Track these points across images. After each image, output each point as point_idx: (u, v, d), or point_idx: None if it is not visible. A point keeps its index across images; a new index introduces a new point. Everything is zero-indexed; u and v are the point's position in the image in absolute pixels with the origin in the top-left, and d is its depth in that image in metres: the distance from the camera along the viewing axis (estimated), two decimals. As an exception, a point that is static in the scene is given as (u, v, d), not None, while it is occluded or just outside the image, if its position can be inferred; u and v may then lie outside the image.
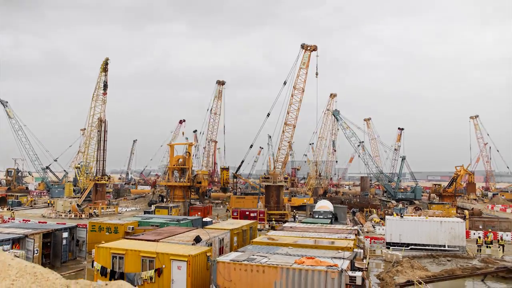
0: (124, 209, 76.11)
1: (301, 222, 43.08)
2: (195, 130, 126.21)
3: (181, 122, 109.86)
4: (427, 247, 38.98)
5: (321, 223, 39.67)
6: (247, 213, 55.79)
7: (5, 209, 73.69)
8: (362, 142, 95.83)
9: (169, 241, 26.06)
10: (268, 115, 68.63)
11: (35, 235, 29.55)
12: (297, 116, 65.17)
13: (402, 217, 43.76)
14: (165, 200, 79.53)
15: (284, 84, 66.23)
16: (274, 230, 38.33)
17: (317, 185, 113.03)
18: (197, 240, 25.27)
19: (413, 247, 39.25)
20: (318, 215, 48.45)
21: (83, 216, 64.58)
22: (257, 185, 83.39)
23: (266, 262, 20.20)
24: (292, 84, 65.34)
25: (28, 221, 51.90)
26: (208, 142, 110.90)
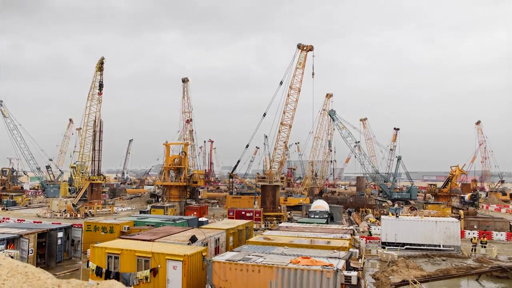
0: (119, 209, 75.91)
1: (297, 222, 43.14)
2: (191, 130, 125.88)
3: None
4: (422, 247, 39.16)
5: (317, 223, 39.71)
6: (243, 213, 55.78)
7: (-1, 209, 73.40)
8: (358, 142, 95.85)
9: (164, 241, 26.04)
10: (264, 115, 68.59)
11: (30, 235, 29.44)
12: (293, 116, 65.21)
13: (398, 217, 43.90)
14: (160, 199, 79.36)
15: (281, 84, 66.24)
16: (270, 230, 38.36)
17: (313, 185, 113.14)
18: (193, 240, 25.25)
19: (408, 246, 39.40)
20: (314, 215, 48.50)
21: (79, 215, 64.40)
22: (253, 185, 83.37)
23: (261, 262, 20.23)
24: (288, 84, 65.45)
25: (23, 221, 51.66)
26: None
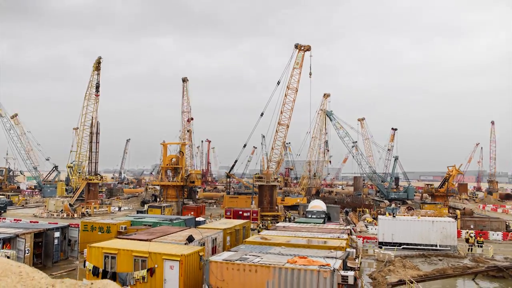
0: (116, 209, 75.73)
1: (294, 222, 43.19)
2: (189, 130, 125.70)
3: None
4: (419, 247, 39.26)
5: (314, 223, 39.75)
6: (240, 212, 55.76)
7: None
8: (356, 142, 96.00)
9: (161, 240, 26.01)
10: (261, 114, 68.53)
11: (26, 235, 29.32)
12: (291, 116, 65.22)
13: (395, 216, 43.99)
14: (158, 199, 79.25)
15: (278, 84, 66.25)
16: (267, 229, 38.37)
17: (310, 184, 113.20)
18: (190, 239, 25.23)
19: (405, 246, 39.50)
20: (311, 214, 48.58)
21: (76, 215, 64.26)
22: (250, 184, 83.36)
23: (258, 261, 20.23)
24: (286, 84, 65.48)
25: (20, 220, 51.46)
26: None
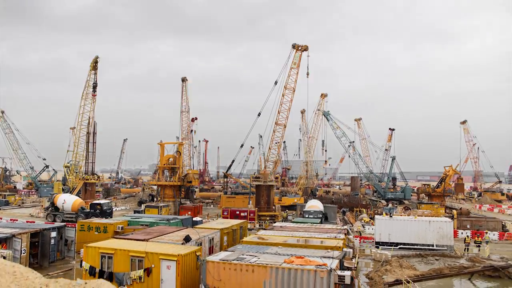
0: (113, 208, 75.39)
1: (291, 222, 43.22)
2: (191, 130, 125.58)
3: (193, 120, 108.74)
4: (415, 247, 39.37)
5: (311, 223, 39.79)
6: (238, 212, 55.77)
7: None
8: (353, 142, 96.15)
9: (158, 240, 25.98)
10: (259, 114, 68.66)
11: (23, 235, 29.21)
12: (288, 116, 65.35)
13: (391, 216, 44.09)
14: (155, 199, 79.14)
15: (275, 84, 66.31)
16: (264, 229, 38.39)
17: (308, 184, 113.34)
18: (187, 239, 25.20)
19: (402, 246, 39.60)
20: (308, 214, 48.62)
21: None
22: (247, 184, 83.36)
23: (255, 261, 20.24)
24: (283, 84, 65.52)
25: (16, 220, 51.32)
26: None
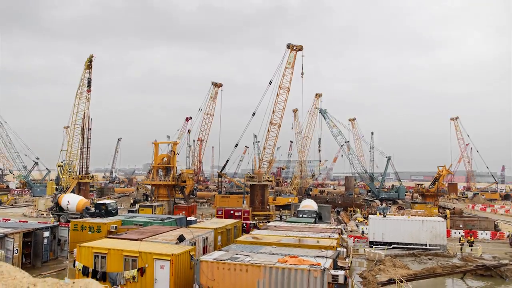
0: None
1: (285, 221, 43.28)
2: (189, 130, 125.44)
3: (187, 120, 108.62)
4: (409, 246, 39.57)
5: (305, 222, 39.89)
6: (232, 212, 55.70)
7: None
8: (348, 141, 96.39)
9: (152, 240, 25.93)
10: (253, 114, 68.73)
11: (15, 234, 29.03)
12: (283, 116, 65.43)
13: (385, 216, 44.28)
14: (149, 199, 78.89)
15: (270, 83, 66.39)
16: (258, 229, 38.41)
17: (302, 184, 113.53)
18: (181, 239, 25.17)
19: (395, 246, 39.78)
20: (303, 214, 48.72)
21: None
22: (242, 184, 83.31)
23: (249, 261, 20.26)
24: (278, 84, 65.59)
25: (8, 220, 50.93)
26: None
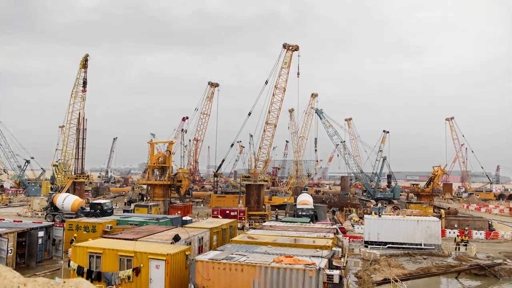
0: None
1: (281, 221, 43.31)
2: (183, 129, 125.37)
3: (184, 120, 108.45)
4: (404, 246, 39.73)
5: (301, 222, 39.95)
6: (228, 212, 55.73)
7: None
8: (344, 141, 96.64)
9: (147, 240, 25.86)
10: (249, 114, 68.74)
11: (9, 234, 28.87)
12: (279, 116, 65.51)
13: (380, 216, 44.39)
14: (145, 198, 78.69)
15: (266, 83, 66.44)
16: (254, 229, 38.41)
17: (298, 184, 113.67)
18: (176, 239, 25.11)
19: (390, 245, 39.92)
20: (301, 212, 48.82)
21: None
22: (237, 184, 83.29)
23: (244, 261, 20.25)
24: (274, 84, 65.65)
25: (3, 219, 50.61)
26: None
